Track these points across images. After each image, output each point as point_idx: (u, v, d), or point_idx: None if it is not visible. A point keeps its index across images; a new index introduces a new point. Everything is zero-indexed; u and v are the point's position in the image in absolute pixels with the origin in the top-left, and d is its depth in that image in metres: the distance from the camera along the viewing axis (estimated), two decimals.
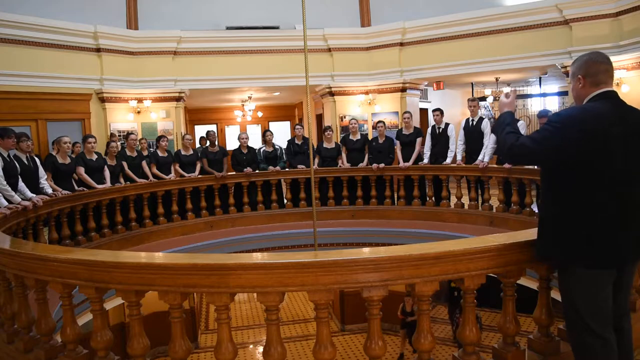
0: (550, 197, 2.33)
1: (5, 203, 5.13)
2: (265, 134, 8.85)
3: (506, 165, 6.94)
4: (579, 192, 2.18)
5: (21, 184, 5.59)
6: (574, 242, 2.20)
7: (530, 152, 2.26)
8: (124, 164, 7.63)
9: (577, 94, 2.37)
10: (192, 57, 11.37)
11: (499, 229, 6.76)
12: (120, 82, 10.70)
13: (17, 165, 5.59)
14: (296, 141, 8.70)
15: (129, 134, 8.38)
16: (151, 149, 8.99)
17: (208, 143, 8.81)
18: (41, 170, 6.19)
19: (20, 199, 5.33)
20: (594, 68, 2.28)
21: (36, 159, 6.25)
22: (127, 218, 7.42)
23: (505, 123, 2.40)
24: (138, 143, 8.12)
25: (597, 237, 2.16)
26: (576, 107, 2.35)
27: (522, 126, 7.16)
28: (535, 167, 5.97)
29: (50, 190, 6.14)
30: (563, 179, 2.23)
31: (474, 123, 7.73)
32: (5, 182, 5.23)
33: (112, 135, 9.96)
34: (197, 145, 12.06)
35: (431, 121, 8.61)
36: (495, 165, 7.42)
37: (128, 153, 7.88)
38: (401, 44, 11.67)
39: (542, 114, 6.94)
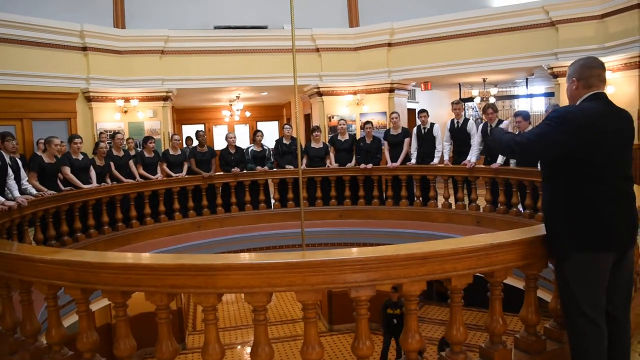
0: (550, 189, 2.48)
1: None
2: (256, 134, 8.80)
3: (493, 166, 6.99)
4: (575, 182, 2.33)
5: (11, 182, 5.51)
6: (574, 228, 2.33)
7: (534, 147, 2.43)
8: (112, 164, 7.56)
9: (570, 94, 2.53)
10: (179, 56, 11.31)
11: (486, 228, 6.81)
12: (107, 82, 10.61)
13: (8, 166, 5.52)
14: (284, 141, 8.67)
15: (115, 133, 8.31)
16: (138, 149, 8.93)
17: (197, 143, 8.75)
18: (22, 172, 6.10)
19: (3, 199, 5.26)
20: (587, 72, 2.45)
21: (18, 160, 6.15)
22: (113, 218, 7.35)
23: (501, 132, 2.74)
24: (125, 143, 8.05)
25: (594, 223, 2.30)
26: (572, 105, 2.50)
27: (505, 125, 7.18)
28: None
29: (34, 191, 6.04)
30: (560, 171, 2.38)
31: (460, 125, 7.78)
32: None
33: (101, 134, 9.86)
34: (184, 145, 11.98)
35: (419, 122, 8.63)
36: (483, 166, 7.47)
37: (115, 153, 7.83)
38: (389, 45, 11.71)
39: (518, 114, 7.01)
